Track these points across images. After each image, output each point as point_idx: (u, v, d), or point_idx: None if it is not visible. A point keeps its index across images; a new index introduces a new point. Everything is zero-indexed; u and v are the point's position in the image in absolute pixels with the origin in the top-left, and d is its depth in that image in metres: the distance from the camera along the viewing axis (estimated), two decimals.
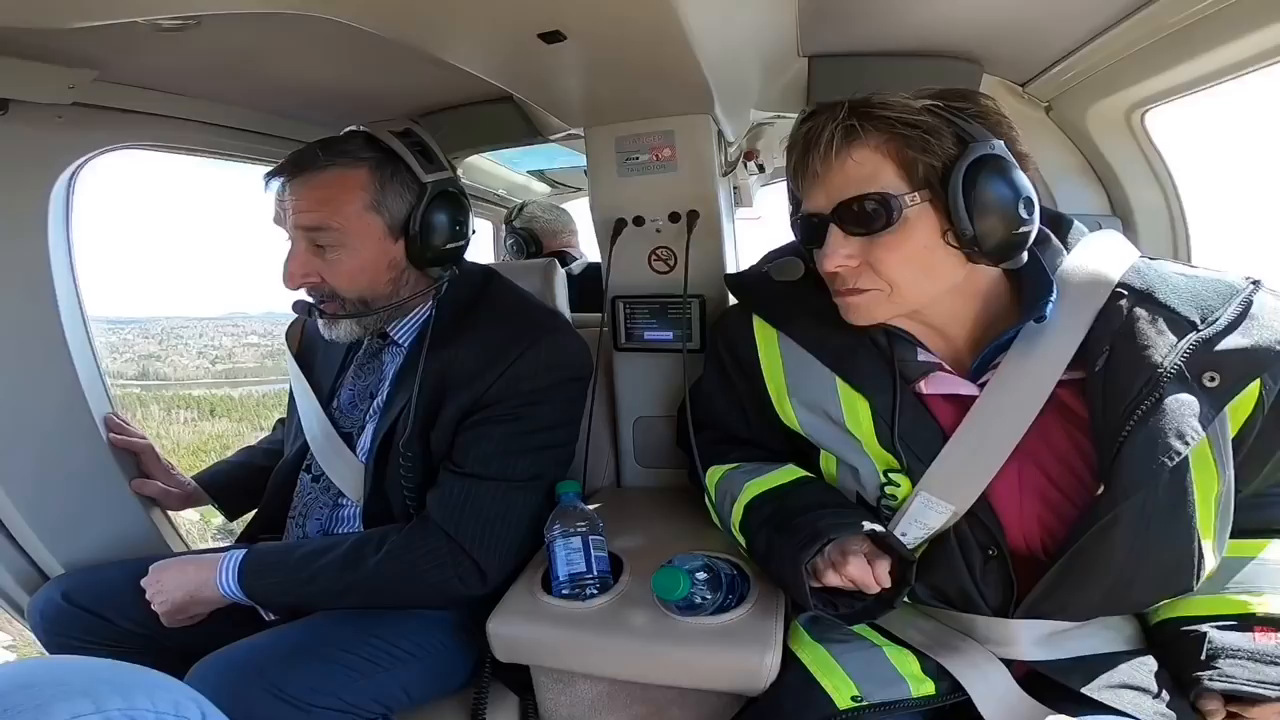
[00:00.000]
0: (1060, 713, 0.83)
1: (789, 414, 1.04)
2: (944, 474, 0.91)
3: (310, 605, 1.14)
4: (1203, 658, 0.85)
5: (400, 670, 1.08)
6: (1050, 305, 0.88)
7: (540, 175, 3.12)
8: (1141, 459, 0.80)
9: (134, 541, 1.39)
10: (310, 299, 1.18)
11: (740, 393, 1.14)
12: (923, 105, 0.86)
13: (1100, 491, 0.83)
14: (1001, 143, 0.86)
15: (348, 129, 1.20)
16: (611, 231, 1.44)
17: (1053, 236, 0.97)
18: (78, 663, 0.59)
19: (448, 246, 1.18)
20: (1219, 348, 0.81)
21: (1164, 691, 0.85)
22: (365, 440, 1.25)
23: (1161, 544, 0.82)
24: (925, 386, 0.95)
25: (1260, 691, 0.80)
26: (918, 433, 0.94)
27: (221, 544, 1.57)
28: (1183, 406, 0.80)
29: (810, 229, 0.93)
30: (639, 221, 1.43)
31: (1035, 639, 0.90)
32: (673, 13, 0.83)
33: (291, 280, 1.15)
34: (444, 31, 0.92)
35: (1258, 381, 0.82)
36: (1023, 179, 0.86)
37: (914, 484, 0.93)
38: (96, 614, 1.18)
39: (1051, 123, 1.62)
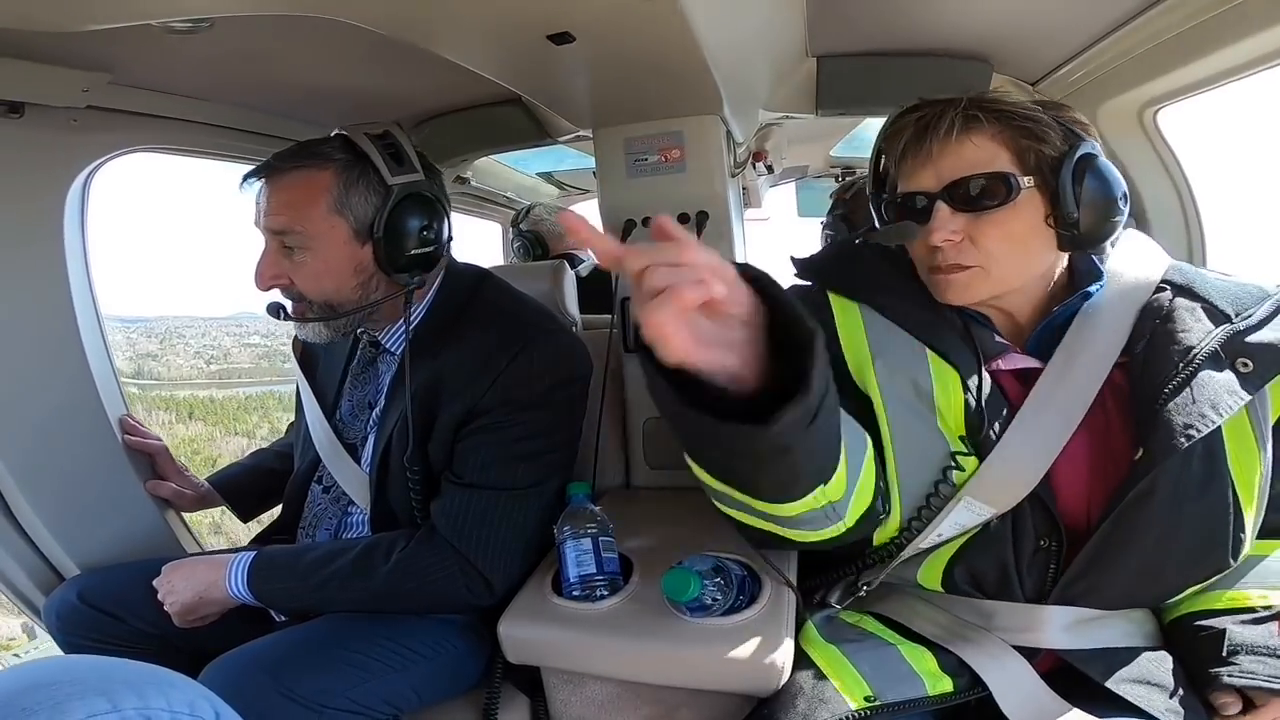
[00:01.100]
0: (1079, 708, 0.83)
1: (869, 379, 0.99)
2: (991, 476, 0.92)
3: (318, 609, 1.14)
4: (1224, 654, 0.85)
5: (411, 671, 1.09)
6: (1100, 287, 0.96)
7: (548, 177, 3.13)
8: (1174, 425, 0.84)
9: (148, 542, 1.40)
10: (282, 300, 1.18)
11: None
12: (1034, 103, 0.96)
13: (1138, 457, 0.86)
14: (1098, 144, 0.94)
15: (334, 132, 1.18)
16: (621, 233, 1.44)
17: None
18: (93, 662, 0.60)
19: (415, 252, 1.15)
20: (1252, 339, 0.87)
21: (1178, 688, 0.85)
22: (368, 452, 1.25)
23: (1195, 521, 0.85)
24: (1002, 364, 0.97)
25: (1277, 686, 0.81)
26: (996, 406, 0.95)
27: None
28: (1217, 382, 0.85)
29: (912, 207, 0.97)
30: (648, 223, 1.43)
31: (1060, 626, 0.90)
32: (681, 14, 0.84)
33: (261, 281, 1.14)
34: (455, 34, 0.92)
35: None
36: (1120, 177, 0.93)
37: (981, 461, 0.93)
38: (111, 614, 1.19)
39: None
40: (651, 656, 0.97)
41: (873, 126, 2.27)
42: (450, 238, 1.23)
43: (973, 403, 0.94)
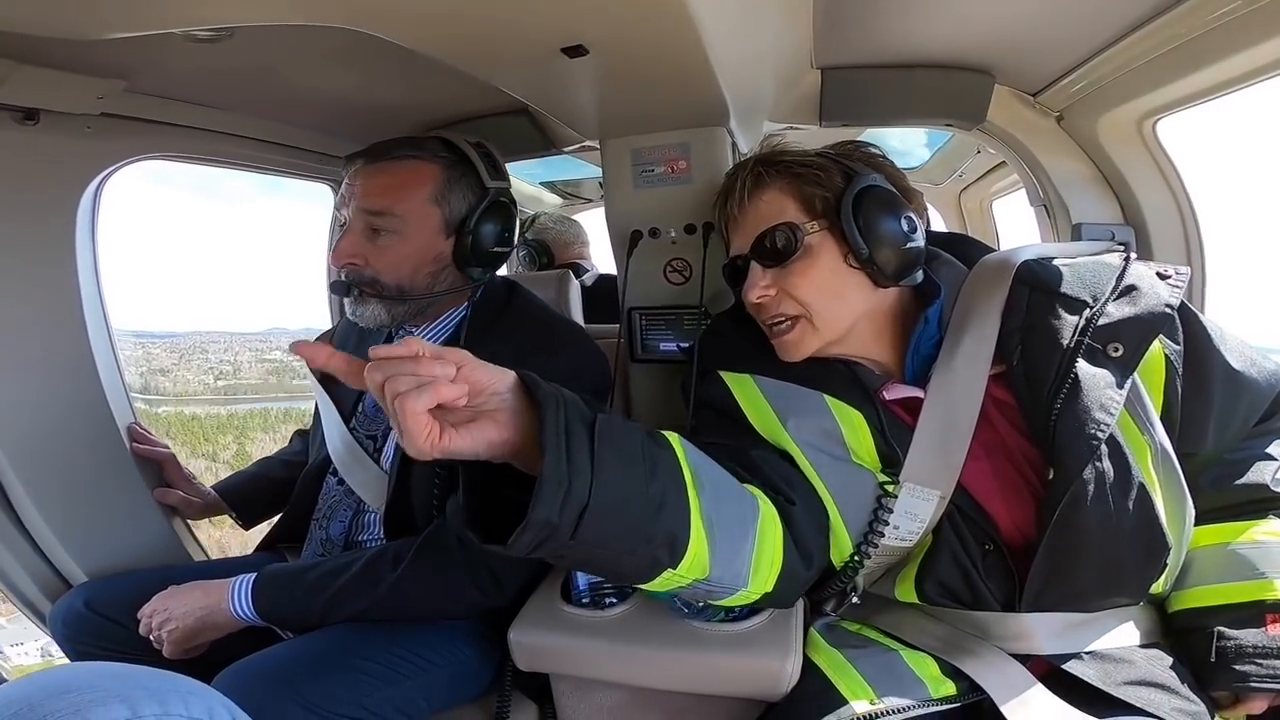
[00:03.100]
0: (1080, 710, 0.84)
1: (784, 440, 1.01)
2: (919, 462, 0.96)
3: (327, 623, 1.14)
4: (1213, 659, 0.88)
5: (422, 678, 1.09)
6: (937, 304, 1.01)
7: (552, 186, 3.14)
8: (1075, 437, 0.88)
9: (155, 550, 1.40)
10: (348, 281, 1.21)
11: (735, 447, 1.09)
12: (816, 151, 1.03)
13: (1052, 475, 0.90)
14: (882, 176, 1.00)
15: (431, 133, 1.26)
16: (628, 244, 1.45)
17: (954, 259, 1.09)
18: (113, 669, 0.60)
19: (492, 250, 1.23)
20: (1114, 319, 0.91)
21: (1182, 686, 0.86)
22: (389, 448, 1.27)
23: (1126, 511, 0.87)
24: (888, 394, 1.00)
25: (1273, 686, 0.83)
26: (900, 432, 0.98)
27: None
28: (1098, 380, 0.89)
29: (735, 270, 1.07)
30: (655, 233, 1.44)
31: (1052, 632, 0.92)
32: (694, 27, 0.85)
33: (338, 257, 1.20)
34: (472, 46, 0.93)
35: (1159, 345, 0.92)
36: (903, 203, 0.99)
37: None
38: (117, 622, 1.19)
39: (1063, 132, 1.63)
40: (660, 663, 0.98)
41: (873, 137, 2.29)
42: (515, 246, 1.27)
43: (878, 435, 0.98)
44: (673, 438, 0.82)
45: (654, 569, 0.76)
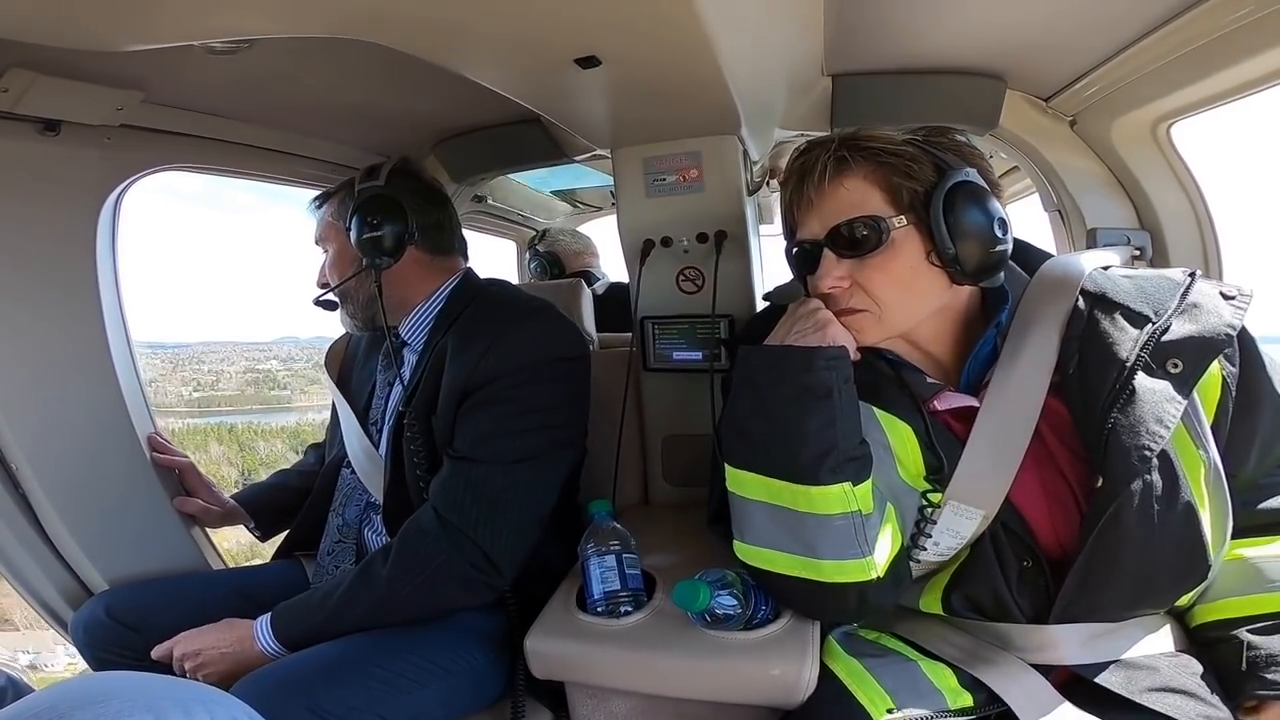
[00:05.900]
0: (1104, 718, 0.83)
1: None
2: (967, 479, 0.94)
3: (339, 634, 1.14)
4: (1243, 667, 0.86)
5: (436, 686, 1.09)
6: (1005, 311, 0.97)
7: (563, 195, 3.16)
8: (1128, 448, 0.85)
9: (175, 558, 1.41)
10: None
11: None
12: (904, 138, 0.96)
13: (1100, 485, 0.87)
14: (975, 171, 0.94)
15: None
16: (640, 252, 1.45)
17: (1014, 265, 1.04)
18: (140, 678, 0.60)
19: (364, 237, 1.28)
20: (1175, 336, 0.88)
21: (1209, 694, 0.85)
22: (384, 437, 1.33)
23: (1170, 528, 0.85)
24: (939, 404, 0.98)
25: None
26: (948, 443, 0.96)
27: None
28: (1156, 394, 0.86)
29: (805, 255, 0.99)
30: (667, 242, 1.44)
31: (1077, 642, 0.91)
32: (706, 37, 0.85)
33: (318, 279, 1.40)
34: (486, 57, 0.94)
35: (1217, 366, 0.90)
36: (995, 203, 0.93)
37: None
38: (137, 630, 1.20)
39: (1077, 137, 1.63)
40: (676, 671, 0.97)
41: None
42: (414, 231, 1.30)
43: (925, 447, 0.96)
44: None
45: (850, 468, 0.89)
